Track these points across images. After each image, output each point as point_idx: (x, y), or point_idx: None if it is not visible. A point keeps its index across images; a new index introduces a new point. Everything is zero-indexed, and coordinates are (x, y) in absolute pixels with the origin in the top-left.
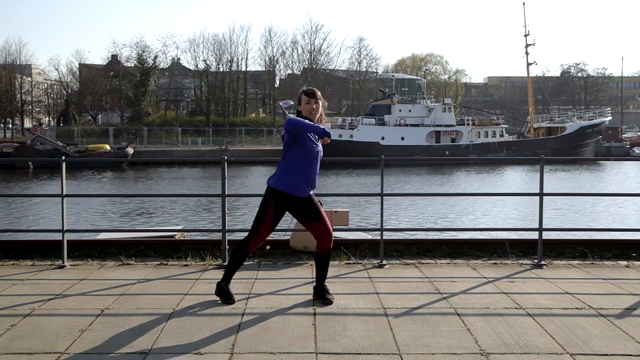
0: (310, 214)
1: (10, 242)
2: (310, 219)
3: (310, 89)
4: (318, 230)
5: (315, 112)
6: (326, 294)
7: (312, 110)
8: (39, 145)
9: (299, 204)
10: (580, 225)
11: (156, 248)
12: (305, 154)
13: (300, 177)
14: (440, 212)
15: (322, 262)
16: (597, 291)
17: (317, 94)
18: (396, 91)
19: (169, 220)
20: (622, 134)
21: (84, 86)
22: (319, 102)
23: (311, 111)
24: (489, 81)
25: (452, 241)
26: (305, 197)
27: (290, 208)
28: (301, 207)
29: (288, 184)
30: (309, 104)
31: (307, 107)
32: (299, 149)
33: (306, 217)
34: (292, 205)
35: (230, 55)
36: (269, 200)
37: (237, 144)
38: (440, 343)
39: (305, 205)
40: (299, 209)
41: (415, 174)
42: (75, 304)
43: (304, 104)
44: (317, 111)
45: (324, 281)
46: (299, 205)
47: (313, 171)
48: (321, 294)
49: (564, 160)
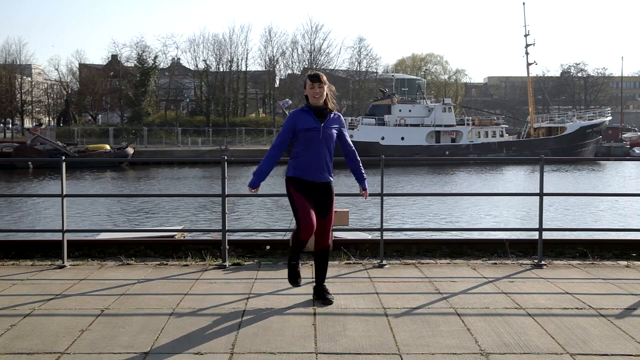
0: (319, 206)
1: (10, 242)
2: (317, 211)
3: (315, 73)
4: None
5: (319, 96)
6: (326, 294)
7: (316, 94)
8: (39, 145)
9: (313, 190)
10: (580, 225)
11: (156, 248)
12: (306, 141)
13: (307, 162)
14: (440, 212)
15: (318, 261)
16: (597, 291)
17: (321, 78)
18: (396, 91)
19: (169, 220)
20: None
21: (84, 86)
22: (324, 87)
23: (315, 95)
24: (489, 81)
25: (452, 241)
26: (318, 182)
27: (306, 192)
28: (315, 194)
29: (295, 168)
30: (312, 89)
31: (311, 92)
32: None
33: (316, 207)
34: (308, 189)
35: (230, 55)
36: (288, 187)
37: (237, 144)
38: (440, 343)
39: (319, 194)
40: (313, 195)
41: (415, 174)
42: (75, 304)
43: (308, 89)
44: (321, 95)
45: (324, 281)
46: (313, 192)
47: (323, 155)
48: (321, 293)
49: (564, 160)
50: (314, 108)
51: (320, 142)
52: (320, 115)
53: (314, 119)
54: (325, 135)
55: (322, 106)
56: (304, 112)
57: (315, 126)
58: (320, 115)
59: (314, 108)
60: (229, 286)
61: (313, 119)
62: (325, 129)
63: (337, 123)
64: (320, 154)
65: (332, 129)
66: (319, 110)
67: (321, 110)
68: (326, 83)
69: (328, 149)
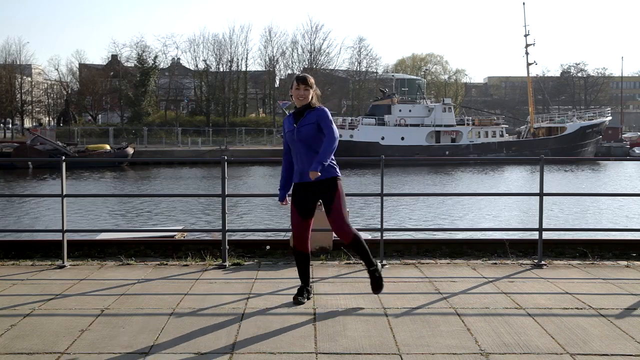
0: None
1: (10, 242)
2: (327, 210)
3: (302, 75)
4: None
5: (303, 98)
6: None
7: (300, 95)
8: (39, 145)
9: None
10: (580, 225)
11: (156, 248)
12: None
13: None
14: (440, 212)
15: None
16: (597, 291)
17: (308, 80)
18: (396, 91)
19: (169, 220)
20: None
21: (84, 86)
22: (309, 90)
23: (298, 97)
24: (489, 81)
25: (452, 241)
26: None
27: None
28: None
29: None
30: (297, 90)
31: (295, 93)
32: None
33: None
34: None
35: (230, 55)
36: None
37: (237, 144)
38: (440, 343)
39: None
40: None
41: (415, 174)
42: (75, 304)
43: (294, 89)
44: (305, 98)
45: (371, 266)
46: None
47: (301, 155)
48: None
49: (564, 160)
50: (297, 110)
51: (296, 143)
52: (298, 116)
53: (291, 122)
54: (300, 136)
55: (302, 108)
56: (289, 116)
57: (291, 129)
58: (298, 116)
59: (297, 110)
60: (229, 286)
61: (291, 122)
62: (298, 129)
63: (314, 117)
64: (299, 155)
65: (306, 125)
66: (299, 111)
67: (301, 111)
68: (312, 86)
69: (307, 147)
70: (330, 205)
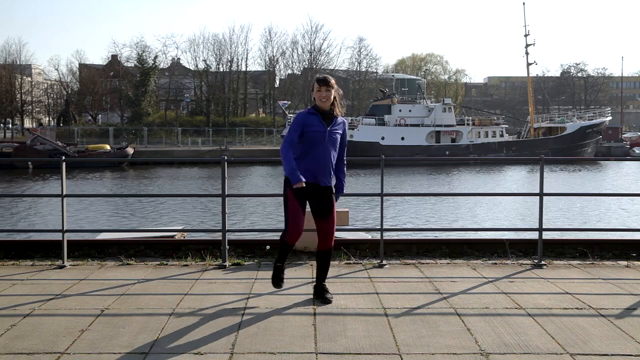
0: (319, 208)
1: (10, 242)
2: (318, 214)
3: (323, 76)
4: (319, 228)
5: (326, 99)
6: (325, 293)
7: (322, 97)
8: (38, 145)
9: (315, 192)
10: (580, 225)
11: (156, 248)
12: (310, 143)
13: (310, 164)
14: (440, 212)
15: (320, 261)
16: (597, 291)
17: (329, 81)
18: (396, 91)
19: (169, 220)
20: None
21: (84, 86)
22: (331, 91)
23: (321, 99)
24: (489, 81)
25: (452, 241)
26: (322, 185)
27: (307, 195)
28: (317, 197)
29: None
30: (319, 92)
31: (318, 95)
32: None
33: (315, 210)
34: (308, 192)
35: (230, 55)
36: (286, 188)
37: (237, 144)
38: (440, 343)
39: (321, 197)
40: (314, 198)
41: (415, 174)
42: (75, 304)
43: (315, 91)
44: (328, 99)
45: (324, 280)
46: (315, 194)
47: (327, 158)
48: (321, 292)
49: (564, 160)
50: (321, 111)
51: (324, 145)
52: (327, 119)
53: (320, 121)
54: (331, 139)
55: (328, 110)
56: (310, 114)
57: (321, 129)
58: (326, 118)
59: (321, 111)
60: (229, 286)
61: (319, 121)
62: (330, 132)
63: (341, 129)
64: (324, 157)
65: (337, 132)
66: (325, 113)
67: (328, 113)
68: (334, 87)
69: (332, 152)
70: (331, 208)
